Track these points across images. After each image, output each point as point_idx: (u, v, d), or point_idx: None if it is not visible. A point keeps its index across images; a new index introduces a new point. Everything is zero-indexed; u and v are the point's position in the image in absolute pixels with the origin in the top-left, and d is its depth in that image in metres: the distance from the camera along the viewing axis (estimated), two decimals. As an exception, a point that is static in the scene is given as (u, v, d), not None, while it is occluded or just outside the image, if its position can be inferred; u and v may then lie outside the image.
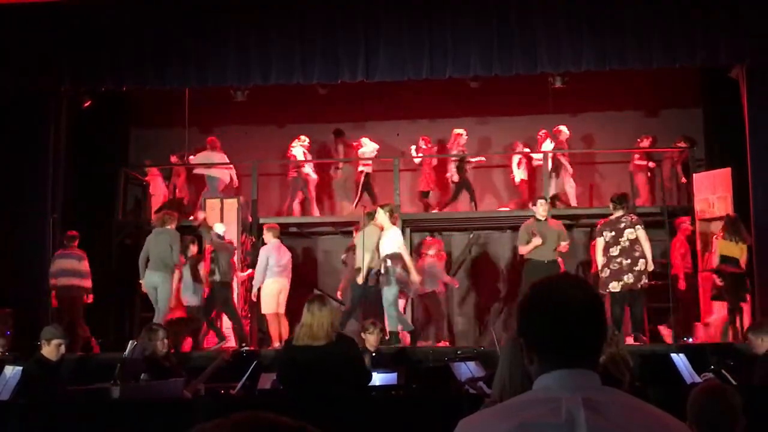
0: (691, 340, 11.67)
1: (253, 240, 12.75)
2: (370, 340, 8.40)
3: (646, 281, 10.11)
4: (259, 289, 11.10)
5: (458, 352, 9.67)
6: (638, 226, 10.04)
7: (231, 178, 13.70)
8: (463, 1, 11.31)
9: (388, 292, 10.19)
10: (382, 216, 10.46)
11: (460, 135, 13.39)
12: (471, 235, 14.07)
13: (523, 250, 10.43)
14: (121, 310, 13.15)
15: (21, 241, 11.29)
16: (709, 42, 10.90)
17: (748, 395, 3.55)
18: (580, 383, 1.68)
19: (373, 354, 8.29)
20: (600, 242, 10.15)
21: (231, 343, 11.25)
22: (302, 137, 13.63)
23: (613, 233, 10.02)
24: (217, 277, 10.97)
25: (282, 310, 11.06)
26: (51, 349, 7.01)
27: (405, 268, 10.25)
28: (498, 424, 1.66)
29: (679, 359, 7.69)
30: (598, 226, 10.37)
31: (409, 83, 12.05)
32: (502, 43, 11.13)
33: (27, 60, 11.34)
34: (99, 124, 13.23)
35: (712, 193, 11.81)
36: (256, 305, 11.47)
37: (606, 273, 10.00)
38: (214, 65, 11.49)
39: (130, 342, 7.79)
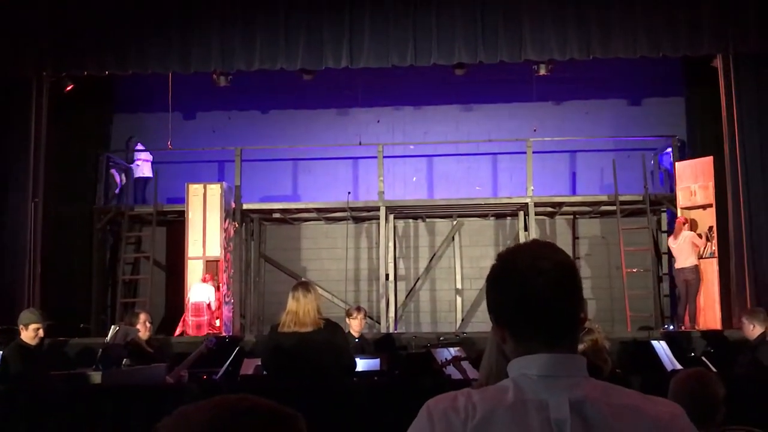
0: (672, 327, 11.76)
1: (236, 226, 12.72)
2: (354, 325, 8.40)
3: None
4: None
5: (441, 339, 9.70)
6: None
7: None
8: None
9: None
10: None
11: None
12: (455, 222, 14.10)
13: None
14: (102, 296, 13.10)
15: (2, 226, 11.20)
16: (692, 32, 10.95)
17: (728, 385, 3.57)
18: (565, 376, 1.49)
19: (357, 340, 8.30)
20: None
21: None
22: None
23: None
24: None
25: None
26: (29, 334, 6.90)
27: None
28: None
29: (660, 346, 7.74)
30: None
31: (393, 70, 12.02)
32: (486, 31, 11.12)
33: (8, 44, 11.22)
34: (81, 109, 13.12)
35: (694, 181, 11.87)
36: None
37: None
38: (197, 50, 11.40)
39: (113, 327, 7.73)
